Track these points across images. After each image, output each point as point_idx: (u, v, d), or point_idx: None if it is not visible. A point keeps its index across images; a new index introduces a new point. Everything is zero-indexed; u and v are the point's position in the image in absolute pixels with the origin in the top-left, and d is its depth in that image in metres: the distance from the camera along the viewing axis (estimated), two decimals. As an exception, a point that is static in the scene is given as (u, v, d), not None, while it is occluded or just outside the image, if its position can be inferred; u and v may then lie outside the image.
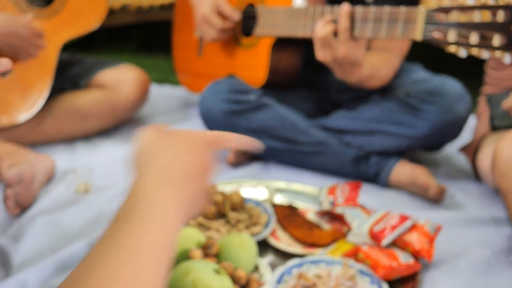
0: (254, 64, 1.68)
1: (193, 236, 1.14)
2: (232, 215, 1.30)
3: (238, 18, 1.70)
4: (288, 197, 1.46)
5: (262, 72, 1.66)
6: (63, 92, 1.86)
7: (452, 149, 1.77)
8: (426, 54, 2.09)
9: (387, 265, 1.12)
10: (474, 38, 1.14)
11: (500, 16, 1.09)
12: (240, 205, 1.33)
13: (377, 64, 1.54)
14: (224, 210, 1.30)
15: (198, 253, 1.09)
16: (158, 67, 2.69)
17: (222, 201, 1.31)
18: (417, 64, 1.74)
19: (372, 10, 1.32)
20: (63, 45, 1.79)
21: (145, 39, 3.14)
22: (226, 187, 1.46)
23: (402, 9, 1.26)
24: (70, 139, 1.86)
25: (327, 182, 1.51)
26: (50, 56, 1.75)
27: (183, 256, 1.10)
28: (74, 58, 1.96)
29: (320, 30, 1.37)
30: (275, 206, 1.37)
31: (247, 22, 1.72)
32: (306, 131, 1.62)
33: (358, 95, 1.69)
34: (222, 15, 1.70)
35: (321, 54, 1.39)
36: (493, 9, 1.09)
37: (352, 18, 1.34)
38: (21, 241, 1.29)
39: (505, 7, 1.07)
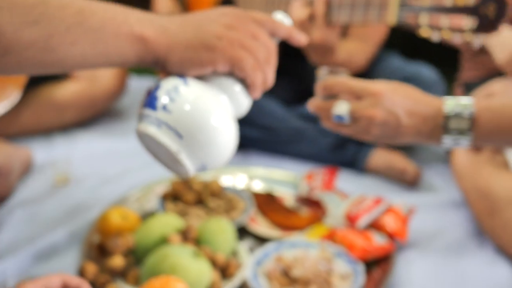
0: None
1: (172, 222, 1.15)
2: (211, 201, 1.31)
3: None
4: (267, 184, 1.47)
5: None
6: (40, 84, 1.85)
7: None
8: (403, 41, 2.11)
9: (362, 247, 1.14)
10: (445, 21, 1.16)
11: (471, -1, 1.11)
12: (219, 192, 1.34)
13: (351, 51, 1.56)
14: (203, 197, 1.31)
15: (176, 238, 1.10)
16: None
17: (201, 188, 1.32)
18: (393, 52, 1.77)
19: (347, -5, 1.33)
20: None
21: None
22: (205, 175, 1.47)
23: (377, -6, 1.28)
24: (48, 131, 1.85)
25: (305, 168, 1.53)
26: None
27: (162, 242, 1.11)
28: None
29: (297, 13, 1.38)
30: (254, 193, 1.38)
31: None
32: (284, 119, 1.63)
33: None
34: None
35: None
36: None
37: (327, 3, 1.36)
38: (0, 232, 1.29)
39: (475, -10, 1.09)
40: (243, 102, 0.70)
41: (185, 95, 0.64)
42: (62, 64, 0.63)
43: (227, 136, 0.66)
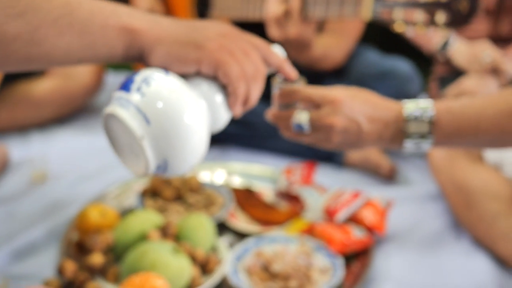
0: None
1: (151, 219, 1.15)
2: (190, 198, 1.31)
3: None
4: (246, 179, 1.48)
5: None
6: (16, 80, 1.83)
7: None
8: (380, 36, 2.13)
9: (341, 240, 1.15)
10: (419, 16, 1.17)
11: (444, -6, 1.12)
12: (198, 187, 1.34)
13: (328, 46, 1.57)
14: (182, 193, 1.31)
15: (156, 234, 1.10)
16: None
17: (179, 184, 1.32)
18: (369, 47, 1.78)
19: (323, -9, 1.34)
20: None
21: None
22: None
23: (351, -11, 1.29)
24: (24, 128, 1.83)
25: (283, 162, 1.54)
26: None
27: (141, 238, 1.11)
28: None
29: (272, 9, 1.38)
30: (233, 188, 1.38)
31: (202, 4, 1.72)
32: (262, 113, 1.63)
33: (312, 77, 1.72)
34: None
35: (273, 33, 1.41)
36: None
37: (304, 0, 1.36)
38: (-23, 230, 1.28)
39: (448, -14, 1.11)
40: (222, 115, 0.68)
41: (162, 83, 0.62)
42: (48, 57, 0.62)
43: (197, 138, 0.63)
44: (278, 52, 0.74)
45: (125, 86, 0.62)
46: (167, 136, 0.61)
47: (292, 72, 0.76)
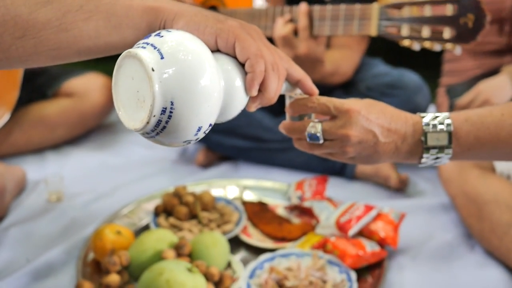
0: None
1: (166, 237, 1.17)
2: (204, 215, 1.33)
3: None
4: (258, 194, 1.49)
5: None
6: (30, 102, 1.87)
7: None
8: (387, 47, 2.14)
9: (354, 254, 1.16)
10: (425, 31, 1.18)
11: (449, 9, 1.13)
12: (211, 204, 1.36)
13: (338, 60, 1.58)
14: (195, 210, 1.33)
15: (171, 253, 1.12)
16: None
17: (193, 202, 1.34)
18: (377, 58, 1.79)
19: (329, 8, 1.36)
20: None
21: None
22: (197, 188, 1.49)
23: (357, 7, 1.31)
24: (40, 149, 1.87)
25: (295, 177, 1.55)
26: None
27: (157, 257, 1.12)
28: (40, 68, 1.96)
29: (280, 29, 1.40)
30: (245, 204, 1.40)
31: None
32: (273, 128, 1.66)
33: (321, 91, 1.73)
34: None
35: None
36: (443, 3, 1.14)
37: (310, 17, 1.38)
38: (-3, 252, 1.30)
39: (454, 1, 1.12)
40: (237, 98, 0.66)
41: (182, 33, 0.62)
42: (77, 43, 0.64)
43: (208, 88, 0.60)
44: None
45: (147, 36, 0.63)
46: (178, 74, 0.59)
47: (313, 87, 0.75)
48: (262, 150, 1.67)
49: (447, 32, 1.15)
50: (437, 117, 0.80)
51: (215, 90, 0.61)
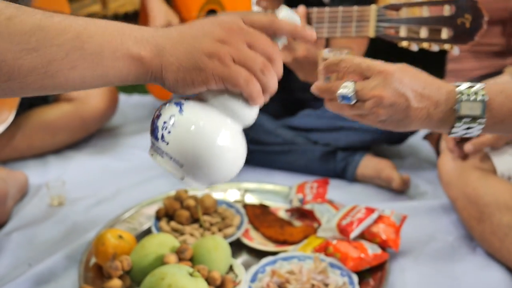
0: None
1: (167, 242, 1.17)
2: (205, 219, 1.33)
3: None
4: (259, 197, 1.49)
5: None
6: (32, 107, 1.87)
7: (416, 141, 1.82)
8: (387, 48, 2.14)
9: (356, 257, 1.16)
10: (423, 32, 1.19)
11: (447, 10, 1.14)
12: (212, 208, 1.36)
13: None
14: (197, 214, 1.33)
15: (172, 258, 1.12)
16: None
17: (194, 206, 1.34)
18: (376, 59, 1.79)
19: (327, 10, 1.36)
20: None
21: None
22: (198, 192, 1.49)
23: (355, 9, 1.31)
24: (41, 154, 1.87)
25: (296, 180, 1.55)
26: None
27: (158, 262, 1.13)
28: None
29: None
30: (246, 207, 1.40)
31: None
32: (274, 131, 1.66)
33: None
34: None
35: (282, 56, 1.43)
36: (440, 4, 1.14)
37: (308, 19, 1.38)
38: (-1, 257, 1.30)
39: (451, 2, 1.12)
40: (246, 113, 0.71)
41: (179, 126, 0.67)
42: (63, 87, 0.65)
43: (227, 153, 0.68)
44: (286, 15, 0.72)
45: (153, 133, 0.70)
46: (201, 170, 0.68)
47: (309, 31, 0.72)
48: (263, 153, 1.67)
49: (444, 33, 1.15)
50: (471, 86, 0.78)
51: (236, 152, 0.70)
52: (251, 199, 1.49)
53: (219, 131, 0.68)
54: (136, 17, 2.35)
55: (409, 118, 0.80)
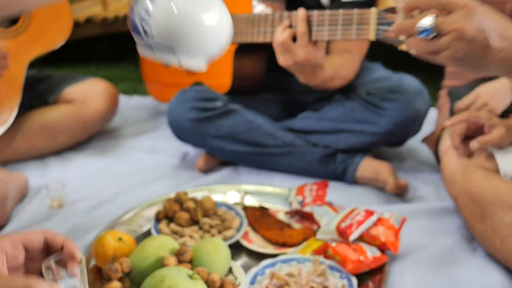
0: (219, 71, 1.72)
1: (167, 244, 1.17)
2: (205, 221, 1.33)
3: None
4: (259, 200, 1.49)
5: (226, 78, 1.70)
6: (32, 109, 1.88)
7: (415, 143, 1.82)
8: (387, 51, 2.14)
9: (355, 260, 1.16)
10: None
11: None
12: (212, 210, 1.36)
13: (338, 65, 1.59)
14: (197, 216, 1.33)
15: (172, 260, 1.12)
16: (126, 78, 2.70)
17: (194, 208, 1.34)
18: (377, 63, 1.80)
19: (327, 13, 1.36)
20: (29, 62, 1.80)
21: (111, 51, 3.15)
22: (197, 194, 1.49)
23: (355, 11, 1.31)
24: (41, 156, 1.88)
25: (296, 182, 1.55)
26: (17, 74, 1.77)
27: (158, 264, 1.13)
28: (41, 74, 1.97)
29: (279, 35, 1.41)
30: (246, 209, 1.40)
31: None
32: (273, 134, 1.66)
33: (322, 96, 1.74)
34: None
35: (282, 59, 1.43)
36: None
37: (308, 22, 1.39)
38: (-2, 260, 1.30)
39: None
40: None
41: (158, 16, 0.69)
42: (19, 4, 0.66)
43: (213, 19, 0.70)
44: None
45: (134, 29, 0.72)
46: (195, 46, 0.71)
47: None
48: (263, 155, 1.67)
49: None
50: None
51: (220, 20, 0.73)
52: (250, 201, 1.49)
53: (195, 2, 0.70)
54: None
55: (486, 58, 0.78)
